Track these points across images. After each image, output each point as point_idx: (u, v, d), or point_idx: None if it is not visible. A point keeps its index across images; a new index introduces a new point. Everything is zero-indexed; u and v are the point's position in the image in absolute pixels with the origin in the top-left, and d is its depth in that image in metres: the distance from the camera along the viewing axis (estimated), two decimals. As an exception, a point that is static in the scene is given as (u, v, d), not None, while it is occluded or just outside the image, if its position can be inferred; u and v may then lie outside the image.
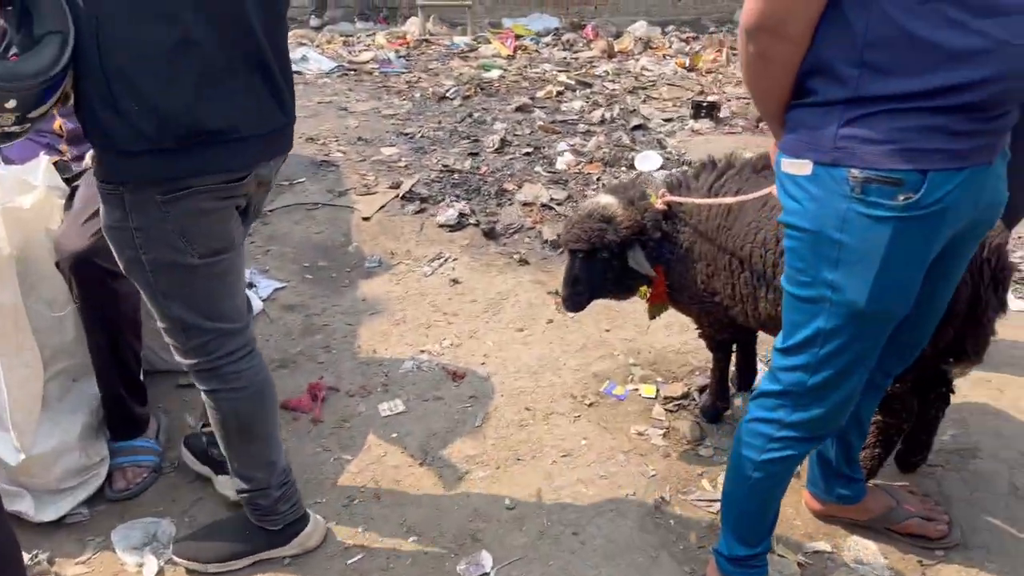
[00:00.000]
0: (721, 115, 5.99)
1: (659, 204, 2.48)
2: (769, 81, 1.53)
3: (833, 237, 1.51)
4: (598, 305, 2.88)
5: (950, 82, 1.37)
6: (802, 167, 1.52)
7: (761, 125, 5.93)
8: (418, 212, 4.39)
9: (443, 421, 2.92)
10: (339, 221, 4.30)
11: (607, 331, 3.56)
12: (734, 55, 7.97)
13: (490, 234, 4.20)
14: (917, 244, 1.52)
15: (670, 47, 8.24)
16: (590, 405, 3.09)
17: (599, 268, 2.52)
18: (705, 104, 5.95)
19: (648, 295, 2.62)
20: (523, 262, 4.11)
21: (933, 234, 1.53)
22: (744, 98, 6.57)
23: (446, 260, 4.02)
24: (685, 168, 2.71)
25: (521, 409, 3.05)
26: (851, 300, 1.56)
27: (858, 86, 1.41)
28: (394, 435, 2.89)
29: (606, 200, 2.52)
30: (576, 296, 2.58)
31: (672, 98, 6.66)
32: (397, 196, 4.47)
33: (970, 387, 3.09)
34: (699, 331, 2.86)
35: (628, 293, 2.67)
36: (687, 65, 7.40)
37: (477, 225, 4.27)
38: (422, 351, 3.33)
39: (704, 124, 5.85)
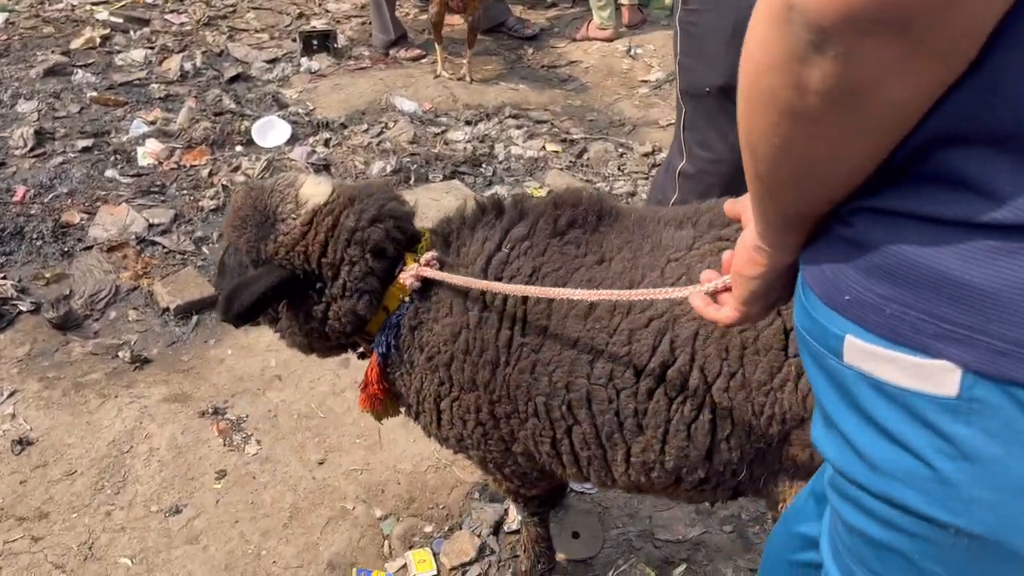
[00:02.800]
0: (338, 45, 4.77)
1: (408, 279, 1.47)
2: (839, 143, 0.65)
3: None
4: (297, 421, 2.20)
5: None
6: (926, 375, 0.64)
7: (395, 53, 4.71)
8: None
9: None
10: None
11: (320, 463, 2.22)
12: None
13: (65, 322, 2.57)
14: None
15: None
16: (346, 638, 1.82)
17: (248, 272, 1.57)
18: (316, 34, 4.81)
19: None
20: (139, 362, 2.53)
21: None
22: (360, 17, 5.23)
23: (-5, 401, 2.33)
24: (461, 210, 1.51)
25: None
26: None
27: None
28: None
29: (305, 189, 1.51)
30: (230, 299, 1.49)
31: (266, 27, 5.21)
32: None
33: None
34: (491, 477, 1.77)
35: (318, 341, 1.59)
36: (268, -22, 5.88)
37: (36, 311, 2.55)
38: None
39: (322, 61, 4.67)
